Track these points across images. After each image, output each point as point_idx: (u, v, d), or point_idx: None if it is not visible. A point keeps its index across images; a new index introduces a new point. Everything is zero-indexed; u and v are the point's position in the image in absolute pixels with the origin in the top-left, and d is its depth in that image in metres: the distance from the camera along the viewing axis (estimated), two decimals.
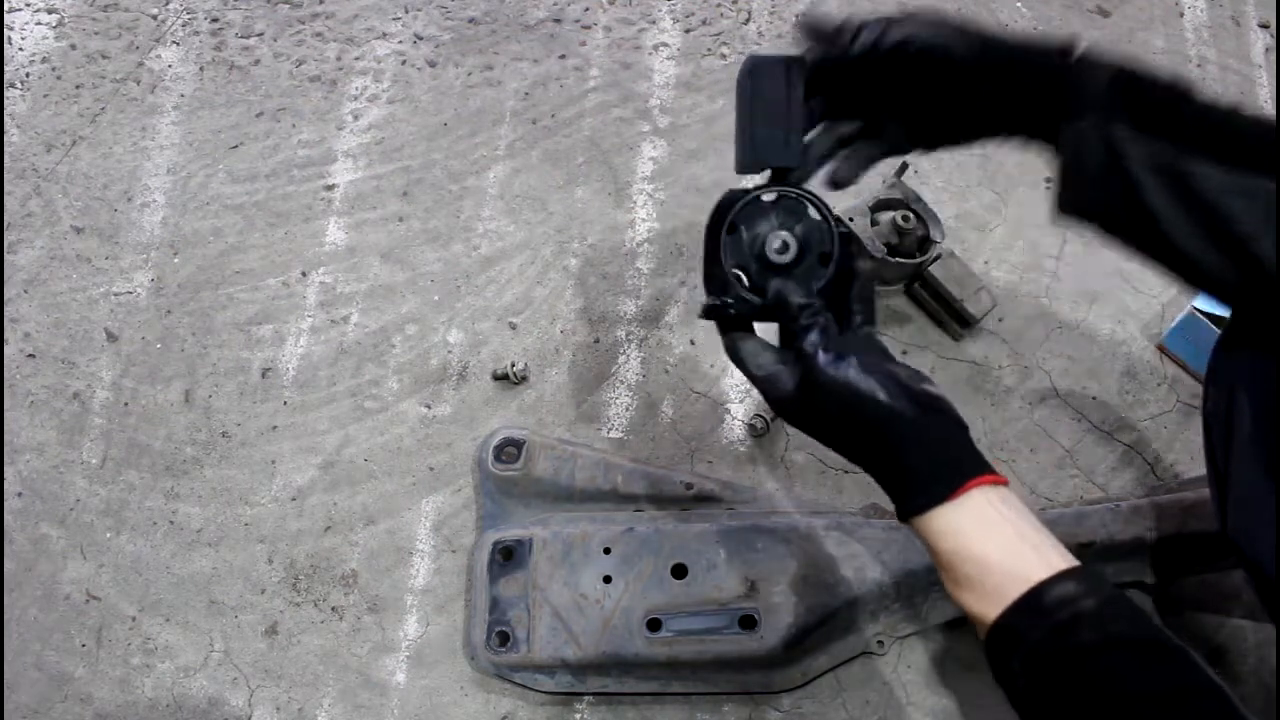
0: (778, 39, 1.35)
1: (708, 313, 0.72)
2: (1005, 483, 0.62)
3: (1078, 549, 0.95)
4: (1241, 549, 0.68)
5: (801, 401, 0.65)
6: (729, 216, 0.71)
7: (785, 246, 0.70)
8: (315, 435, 1.13)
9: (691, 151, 1.27)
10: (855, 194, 1.03)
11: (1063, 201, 0.67)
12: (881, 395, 0.62)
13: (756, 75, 0.70)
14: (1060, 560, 0.59)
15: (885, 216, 1.12)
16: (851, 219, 1.11)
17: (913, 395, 0.62)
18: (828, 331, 0.65)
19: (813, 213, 0.71)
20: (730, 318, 0.71)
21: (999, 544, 0.59)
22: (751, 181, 0.77)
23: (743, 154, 0.72)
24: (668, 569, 0.98)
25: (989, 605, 0.59)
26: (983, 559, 0.59)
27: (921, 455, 0.61)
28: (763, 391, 0.68)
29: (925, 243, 1.11)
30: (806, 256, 0.70)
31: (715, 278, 0.72)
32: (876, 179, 1.06)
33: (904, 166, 1.13)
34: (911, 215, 1.09)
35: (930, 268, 1.11)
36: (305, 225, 1.25)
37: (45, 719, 1.01)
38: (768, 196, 0.71)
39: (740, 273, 0.71)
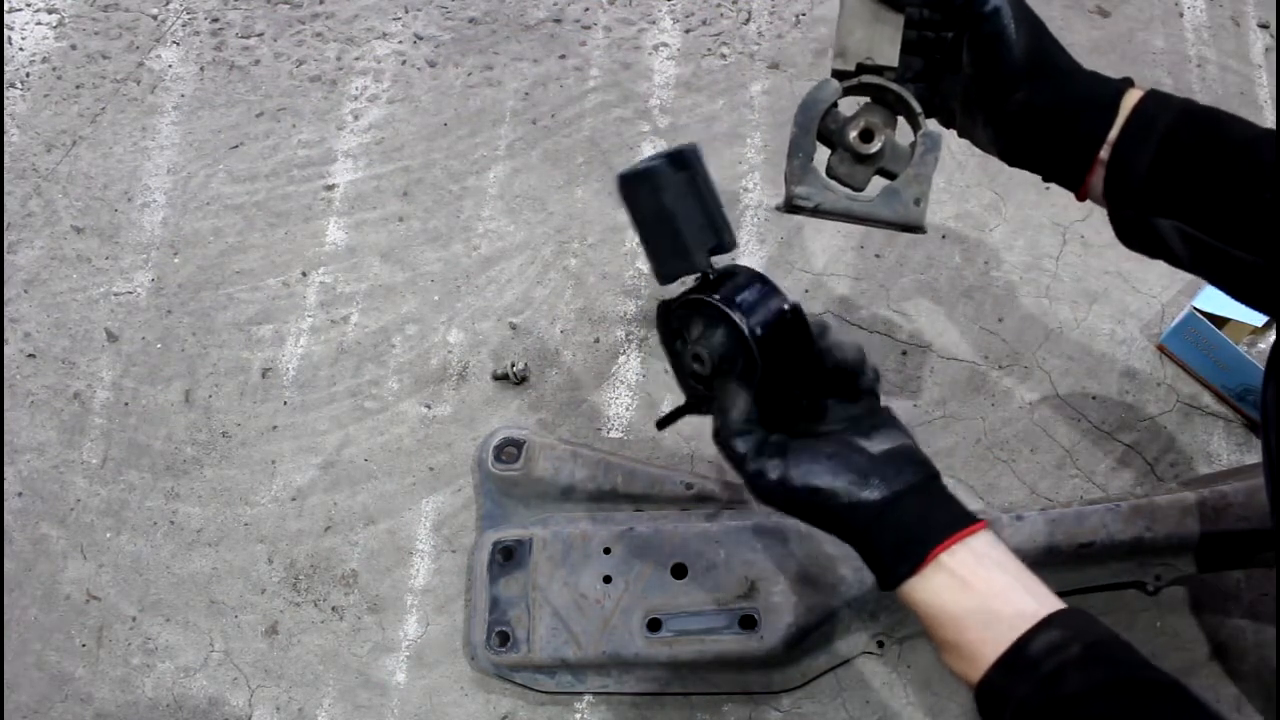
0: (777, 39, 1.35)
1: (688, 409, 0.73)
2: (978, 529, 0.61)
3: (1077, 549, 0.95)
4: None
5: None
6: (672, 324, 0.70)
7: (701, 363, 0.67)
8: (315, 435, 1.13)
9: None
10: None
11: (1122, 242, 0.72)
12: (826, 489, 0.62)
13: (658, 188, 0.65)
14: (1037, 608, 0.58)
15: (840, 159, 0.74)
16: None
17: (866, 475, 0.62)
18: (753, 443, 0.64)
19: (728, 327, 0.66)
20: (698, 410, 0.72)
21: (968, 606, 0.59)
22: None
23: (660, 265, 0.69)
24: (668, 569, 0.98)
25: (969, 667, 0.59)
26: (954, 623, 0.60)
27: (881, 539, 0.62)
28: None
29: (912, 117, 0.73)
30: (738, 362, 0.66)
31: (678, 375, 0.72)
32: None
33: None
34: (872, 125, 0.71)
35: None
36: (305, 225, 1.25)
37: (45, 719, 1.01)
38: (681, 305, 0.69)
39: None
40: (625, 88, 1.32)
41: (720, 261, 0.69)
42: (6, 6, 1.40)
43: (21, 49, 1.37)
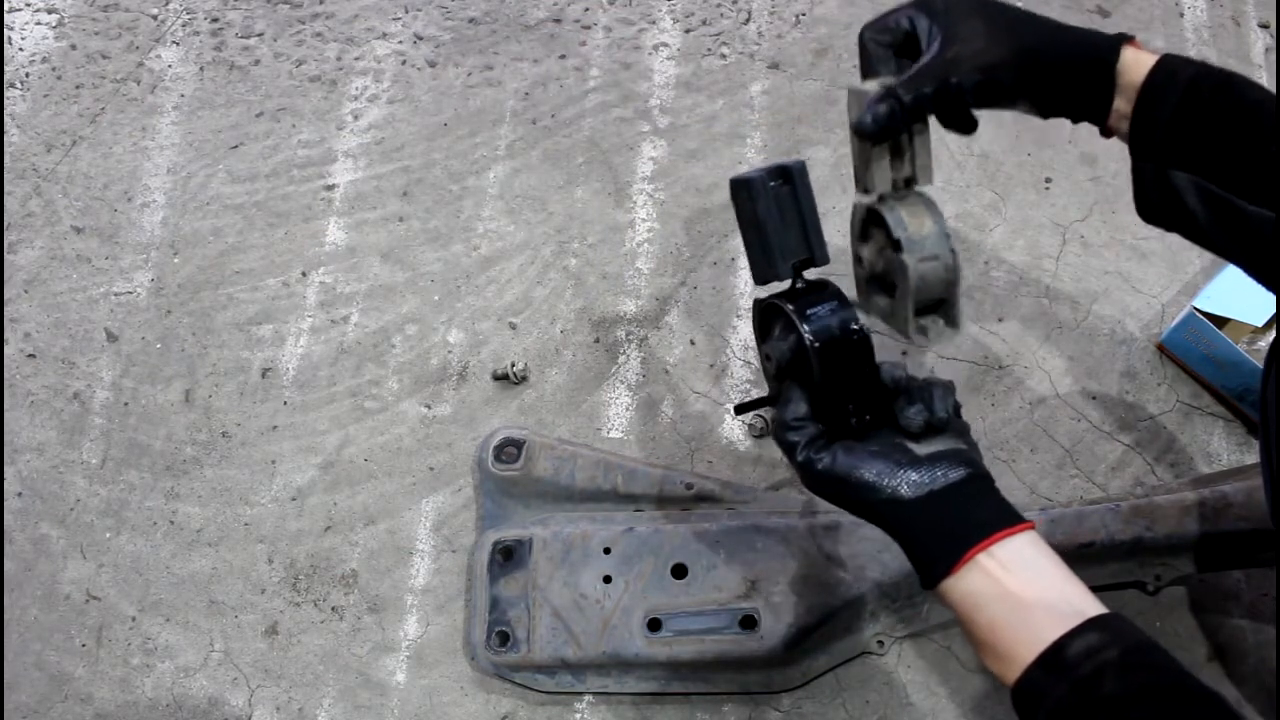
0: (777, 39, 1.35)
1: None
2: (1019, 530, 0.61)
3: (1077, 549, 0.95)
4: None
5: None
6: (759, 322, 0.76)
7: (770, 361, 0.73)
8: (315, 435, 1.13)
9: (691, 151, 1.27)
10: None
11: (1140, 213, 0.73)
12: (866, 482, 0.64)
13: (756, 197, 0.71)
14: (1076, 611, 0.58)
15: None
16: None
17: (906, 473, 0.64)
18: (804, 437, 0.68)
19: (796, 336, 0.70)
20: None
21: (1006, 607, 0.60)
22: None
23: (753, 267, 0.75)
24: (668, 569, 0.98)
25: (1006, 667, 0.60)
26: (990, 624, 0.60)
27: (919, 536, 0.63)
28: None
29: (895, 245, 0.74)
30: (800, 368, 0.71)
31: (764, 369, 0.77)
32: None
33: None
34: (859, 252, 0.78)
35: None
36: (305, 225, 1.25)
37: (45, 719, 1.01)
38: (765, 307, 0.74)
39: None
40: (625, 88, 1.32)
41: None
42: (6, 6, 1.40)
43: (21, 49, 1.37)
